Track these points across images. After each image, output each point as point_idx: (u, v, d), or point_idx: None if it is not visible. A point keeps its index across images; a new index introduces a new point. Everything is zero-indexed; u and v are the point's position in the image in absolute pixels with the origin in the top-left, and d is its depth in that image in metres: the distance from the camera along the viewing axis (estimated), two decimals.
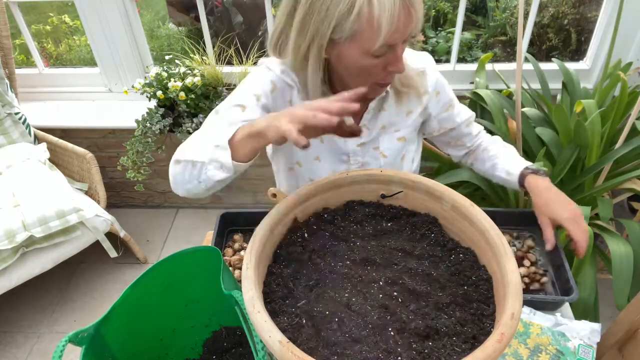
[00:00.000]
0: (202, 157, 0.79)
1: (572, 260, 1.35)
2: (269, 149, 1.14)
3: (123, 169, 1.98)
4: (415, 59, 1.01)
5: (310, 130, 0.71)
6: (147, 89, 1.95)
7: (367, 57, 0.81)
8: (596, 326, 0.85)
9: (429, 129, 1.11)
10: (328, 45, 0.83)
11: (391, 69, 0.84)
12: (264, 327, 0.53)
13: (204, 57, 2.00)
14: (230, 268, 0.98)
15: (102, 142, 2.18)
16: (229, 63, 2.03)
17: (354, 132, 0.75)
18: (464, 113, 1.11)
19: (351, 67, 0.85)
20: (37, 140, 2.01)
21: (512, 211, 1.18)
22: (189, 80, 1.91)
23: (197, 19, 2.13)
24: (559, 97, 1.87)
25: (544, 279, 0.95)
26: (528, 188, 1.00)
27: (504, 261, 0.61)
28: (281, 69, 0.96)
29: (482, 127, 1.17)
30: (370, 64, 0.82)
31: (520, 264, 0.97)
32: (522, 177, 1.02)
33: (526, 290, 0.94)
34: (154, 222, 2.33)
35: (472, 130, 1.14)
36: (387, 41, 0.77)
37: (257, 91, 0.94)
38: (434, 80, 1.03)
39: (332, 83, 0.96)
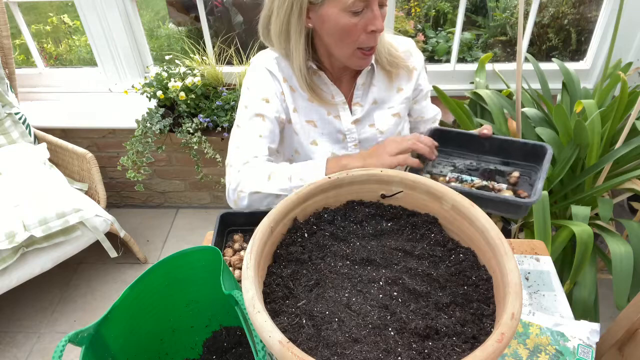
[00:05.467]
0: (289, 189, 0.94)
1: (571, 262, 1.35)
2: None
3: (123, 169, 1.98)
4: (399, 42, 1.08)
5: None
6: (147, 89, 1.95)
7: (345, 14, 0.85)
8: (595, 326, 0.85)
9: (412, 112, 1.17)
10: (309, 10, 0.88)
11: (371, 27, 0.87)
12: (264, 327, 0.53)
13: (204, 57, 2.00)
14: (230, 268, 0.98)
15: (102, 142, 2.18)
16: (229, 63, 2.03)
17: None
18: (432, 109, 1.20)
19: (333, 30, 0.88)
20: (37, 140, 2.01)
21: None
22: (189, 80, 1.91)
23: (197, 19, 2.13)
24: (559, 97, 1.87)
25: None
26: None
27: (504, 261, 0.61)
28: (275, 57, 1.01)
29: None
30: (350, 24, 0.86)
31: None
32: None
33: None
34: (154, 222, 2.33)
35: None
36: None
37: (263, 94, 1.00)
38: (421, 59, 1.10)
39: (320, 61, 1.00)
